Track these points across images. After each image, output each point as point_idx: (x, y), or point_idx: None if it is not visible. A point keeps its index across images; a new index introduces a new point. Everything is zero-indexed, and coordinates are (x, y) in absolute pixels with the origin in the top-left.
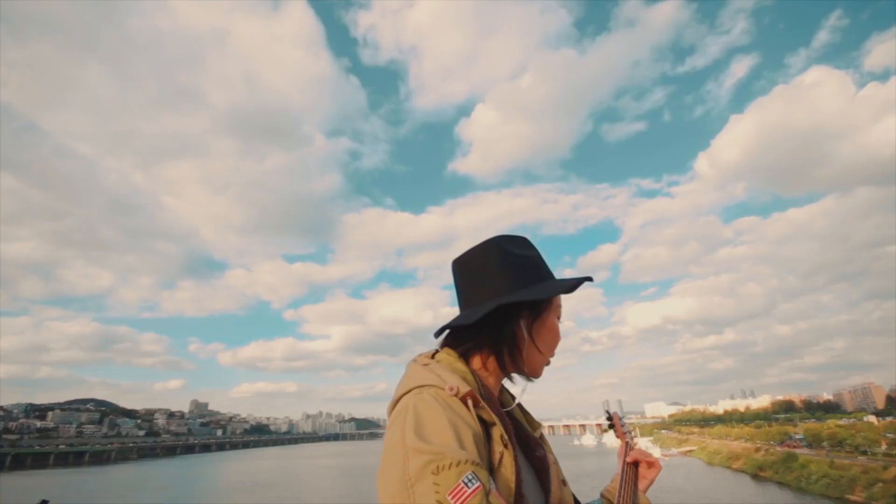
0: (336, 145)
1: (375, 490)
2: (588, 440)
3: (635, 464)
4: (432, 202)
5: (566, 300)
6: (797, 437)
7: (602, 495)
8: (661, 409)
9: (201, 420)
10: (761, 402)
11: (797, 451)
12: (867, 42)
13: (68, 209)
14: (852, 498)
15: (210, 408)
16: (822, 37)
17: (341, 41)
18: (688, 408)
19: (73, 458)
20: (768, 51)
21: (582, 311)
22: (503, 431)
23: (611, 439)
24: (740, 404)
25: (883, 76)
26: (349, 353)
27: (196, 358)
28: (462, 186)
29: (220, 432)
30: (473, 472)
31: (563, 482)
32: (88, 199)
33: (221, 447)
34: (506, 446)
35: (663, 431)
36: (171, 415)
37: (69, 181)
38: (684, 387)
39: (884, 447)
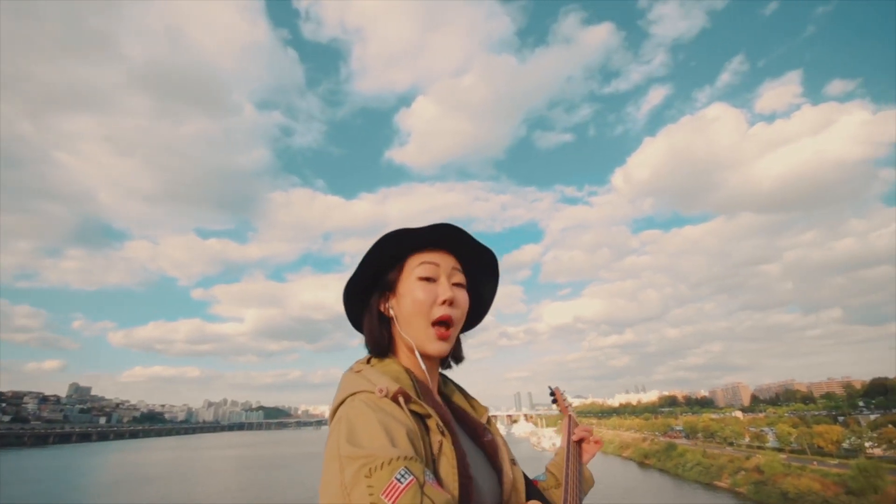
0: (267, 118)
1: (280, 481)
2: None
3: (579, 440)
4: (365, 188)
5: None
6: (677, 428)
7: (547, 469)
8: None
9: (81, 406)
10: (650, 396)
11: (677, 441)
12: (760, 87)
13: None
14: (719, 484)
15: (94, 392)
16: (725, 77)
17: (281, 11)
18: (589, 400)
19: None
20: (680, 84)
21: (502, 307)
22: (438, 420)
23: (519, 429)
24: (633, 398)
25: (770, 118)
26: (263, 338)
27: (80, 336)
28: (397, 175)
29: (103, 420)
30: (406, 467)
31: (513, 461)
32: None
33: (104, 437)
34: (443, 434)
35: None
36: (43, 399)
37: None
38: (587, 381)
39: (747, 439)
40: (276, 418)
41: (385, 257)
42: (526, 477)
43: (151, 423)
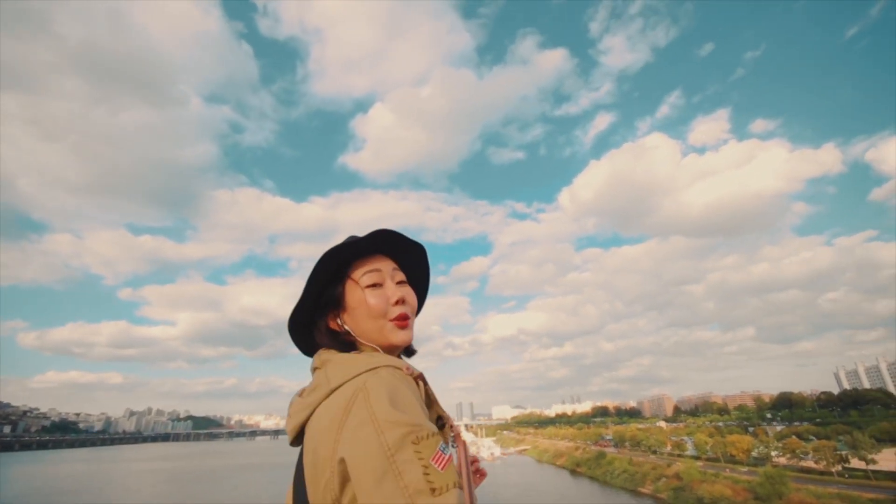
0: (215, 113)
1: (208, 496)
2: None
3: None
4: (316, 192)
5: (434, 307)
6: (607, 437)
7: None
8: (506, 412)
9: None
10: (585, 407)
11: (607, 449)
12: (694, 121)
13: None
14: (643, 490)
15: None
16: (664, 110)
17: (238, 3)
18: (528, 411)
19: None
20: (624, 112)
21: (449, 317)
22: (441, 412)
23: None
24: (568, 408)
25: (701, 150)
26: (196, 343)
27: None
28: (350, 181)
29: (8, 429)
30: (443, 443)
31: None
32: None
33: (8, 447)
34: (441, 426)
35: (504, 432)
36: None
37: None
38: (527, 392)
39: (669, 448)
40: (206, 429)
41: (328, 275)
42: None
43: (63, 433)
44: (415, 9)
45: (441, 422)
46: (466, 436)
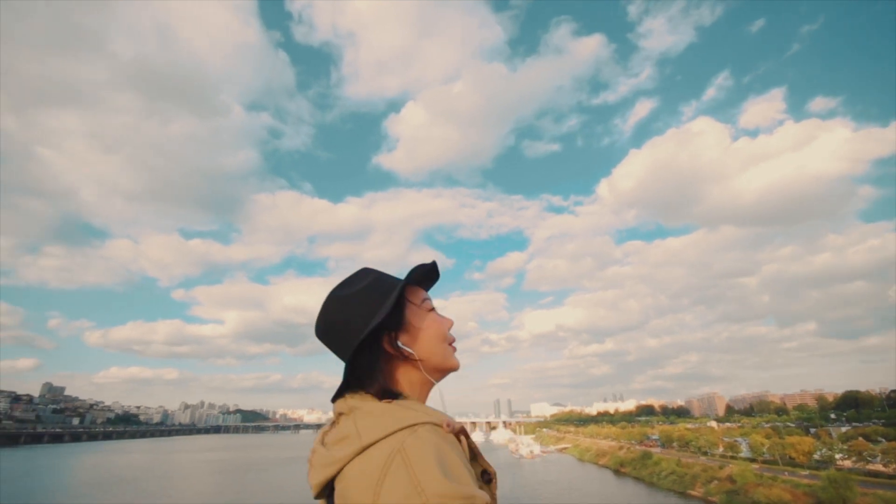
0: (255, 120)
1: (257, 486)
2: (477, 437)
3: None
4: (352, 192)
5: (470, 303)
6: (653, 437)
7: None
8: (544, 410)
9: (54, 406)
10: (628, 405)
11: (652, 450)
12: (745, 102)
13: None
14: (693, 493)
15: (67, 393)
16: (711, 92)
17: (274, 12)
18: (567, 409)
19: None
20: (667, 97)
21: (485, 314)
22: (486, 465)
23: (497, 436)
24: (611, 407)
25: (753, 133)
26: (244, 341)
27: (56, 336)
28: (384, 181)
29: (76, 421)
30: None
31: None
32: None
33: (77, 438)
34: (490, 481)
35: (544, 430)
36: (15, 398)
37: None
38: (566, 389)
39: (721, 449)
40: (253, 422)
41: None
42: None
43: (126, 425)
44: (445, 6)
45: (487, 476)
46: (504, 433)
